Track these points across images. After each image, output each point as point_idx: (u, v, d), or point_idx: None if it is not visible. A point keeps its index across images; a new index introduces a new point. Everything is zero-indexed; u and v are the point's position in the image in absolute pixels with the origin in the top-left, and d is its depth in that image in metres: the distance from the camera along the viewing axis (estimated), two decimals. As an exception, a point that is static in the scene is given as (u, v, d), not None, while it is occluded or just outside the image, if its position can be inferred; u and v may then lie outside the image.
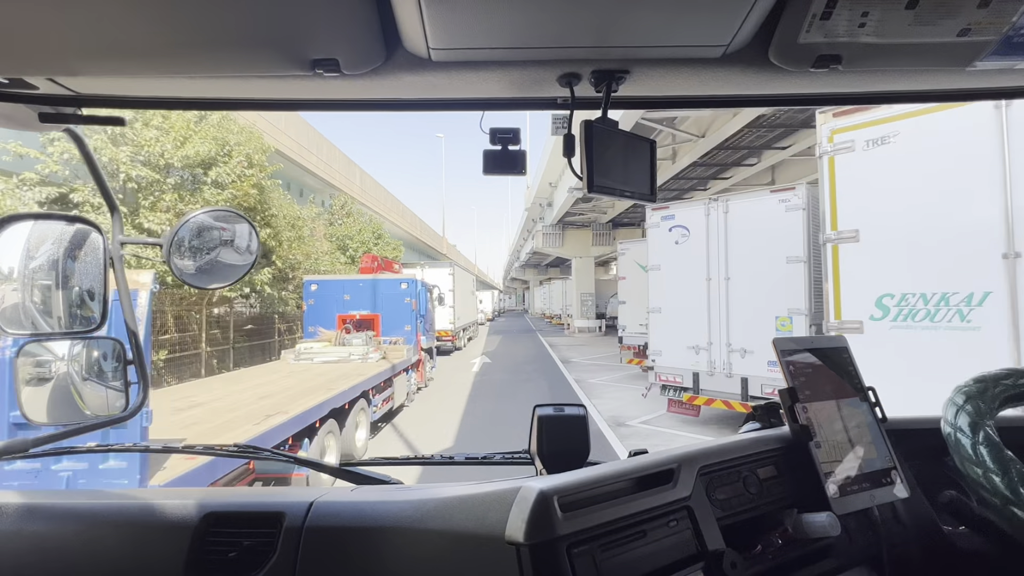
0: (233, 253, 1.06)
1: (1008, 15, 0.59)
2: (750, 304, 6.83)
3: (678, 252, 7.67)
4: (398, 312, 10.01)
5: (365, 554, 0.72)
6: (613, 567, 0.66)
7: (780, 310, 6.48)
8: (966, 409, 0.87)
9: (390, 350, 8.92)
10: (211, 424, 4.19)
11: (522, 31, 0.66)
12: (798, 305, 6.32)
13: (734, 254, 7.05)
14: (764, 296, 6.65)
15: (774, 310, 6.54)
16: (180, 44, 0.68)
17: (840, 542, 0.87)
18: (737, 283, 7.01)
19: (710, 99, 0.89)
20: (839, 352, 1.01)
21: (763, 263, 6.68)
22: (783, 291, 6.45)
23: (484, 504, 0.70)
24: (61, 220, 1.02)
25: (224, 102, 0.89)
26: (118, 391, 1.04)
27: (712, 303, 7.24)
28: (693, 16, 0.63)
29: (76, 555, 0.78)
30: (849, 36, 0.63)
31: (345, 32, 0.67)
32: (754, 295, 6.78)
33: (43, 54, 0.70)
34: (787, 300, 6.41)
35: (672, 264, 7.78)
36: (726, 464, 0.86)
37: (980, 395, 0.88)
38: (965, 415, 0.87)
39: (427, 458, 1.22)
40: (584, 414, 1.04)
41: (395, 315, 9.98)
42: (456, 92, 0.84)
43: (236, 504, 0.81)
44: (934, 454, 0.99)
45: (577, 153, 0.81)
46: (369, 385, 6.83)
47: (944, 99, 0.90)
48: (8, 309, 0.92)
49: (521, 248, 44.61)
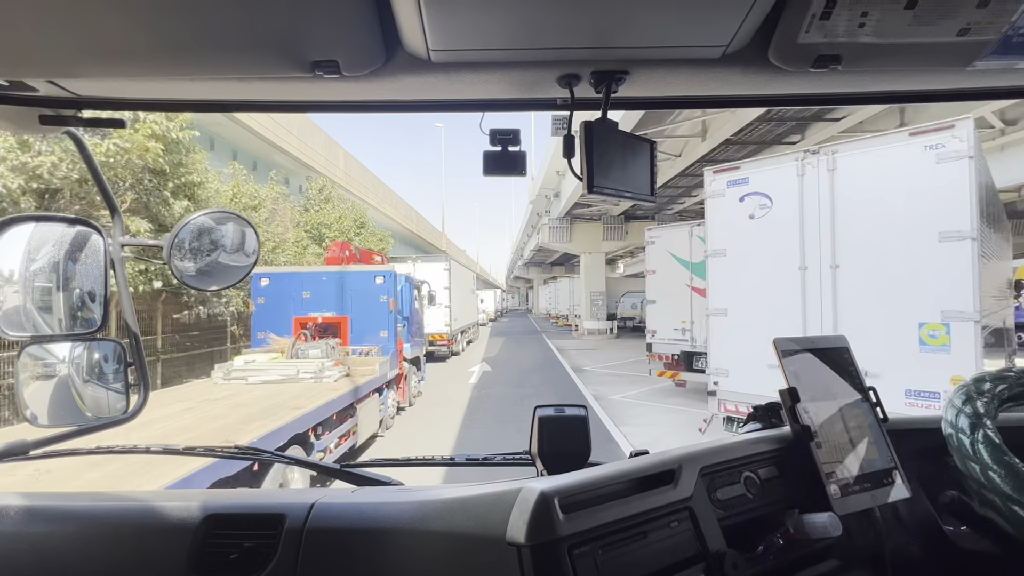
0: (233, 254, 1.06)
1: (1007, 15, 0.59)
2: (873, 304, 4.64)
3: (754, 230, 5.46)
4: (372, 313, 7.80)
5: (366, 555, 0.72)
6: (614, 568, 0.66)
7: (927, 312, 4.29)
8: (965, 410, 0.87)
9: (357, 364, 6.76)
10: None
11: (522, 32, 0.66)
12: (960, 305, 4.12)
13: (845, 231, 4.83)
14: (898, 292, 4.47)
15: (916, 313, 4.35)
16: (180, 46, 0.68)
17: (841, 542, 0.86)
18: (850, 273, 4.80)
19: (710, 99, 0.89)
20: (840, 352, 1.01)
21: (896, 242, 4.48)
22: (932, 284, 4.26)
23: (485, 505, 0.70)
24: (62, 222, 1.02)
25: (224, 104, 0.91)
26: (118, 393, 1.05)
27: (809, 303, 5.04)
28: (692, 16, 0.64)
29: (76, 557, 0.77)
30: (848, 36, 0.63)
31: (345, 34, 0.67)
32: (880, 291, 4.58)
33: (43, 56, 0.71)
34: (940, 297, 4.23)
35: (744, 247, 5.56)
36: (727, 464, 0.85)
37: (980, 395, 0.88)
38: (965, 415, 0.86)
39: (428, 459, 1.19)
40: (584, 415, 1.03)
41: (368, 317, 7.77)
42: (456, 93, 0.84)
43: (237, 506, 0.81)
44: (935, 454, 0.98)
45: (577, 154, 0.81)
46: (313, 421, 4.69)
47: (944, 99, 0.90)
48: (9, 311, 0.93)
49: (525, 245, 42.72)
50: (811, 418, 0.90)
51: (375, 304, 7.78)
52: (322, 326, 7.77)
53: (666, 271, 9.70)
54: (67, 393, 1.04)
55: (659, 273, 9.88)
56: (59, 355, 1.05)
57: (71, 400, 1.05)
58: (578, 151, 0.81)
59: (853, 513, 0.85)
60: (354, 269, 8.08)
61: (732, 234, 5.66)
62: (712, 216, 5.92)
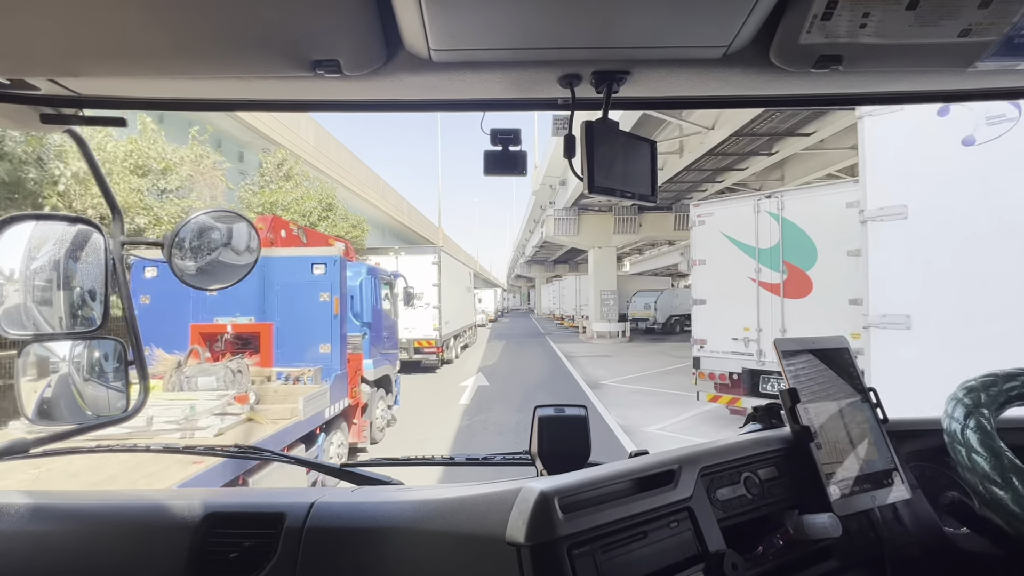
0: (234, 253, 1.05)
1: (1009, 16, 0.59)
2: None
3: (975, 168, 2.93)
4: (308, 319, 5.27)
5: (366, 555, 0.72)
6: (614, 568, 0.66)
7: None
8: (965, 410, 0.87)
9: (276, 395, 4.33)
10: None
11: (523, 32, 0.66)
12: None
13: None
14: None
15: None
16: (181, 45, 0.68)
17: (841, 543, 0.86)
18: None
19: (711, 100, 0.88)
20: (840, 353, 1.01)
21: None
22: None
23: (485, 505, 0.70)
24: (63, 221, 1.02)
25: (225, 103, 0.90)
26: (119, 392, 1.04)
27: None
28: (694, 17, 0.63)
29: (78, 555, 0.77)
30: (850, 37, 0.63)
31: (346, 33, 0.67)
32: None
33: (44, 55, 0.71)
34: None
35: (953, 198, 3.00)
36: (727, 465, 0.85)
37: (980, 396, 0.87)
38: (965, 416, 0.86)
39: (428, 459, 1.19)
40: (584, 415, 1.03)
41: (303, 324, 5.25)
42: (457, 93, 0.84)
43: (237, 505, 0.82)
44: (935, 455, 0.99)
45: (578, 154, 0.81)
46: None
47: (945, 100, 0.90)
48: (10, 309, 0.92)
49: (527, 242, 40.32)
50: (811, 419, 0.91)
51: (313, 305, 5.26)
52: (236, 338, 5.30)
53: (720, 260, 7.26)
54: (67, 391, 1.05)
55: (710, 264, 7.43)
56: (59, 353, 1.06)
57: (71, 398, 1.05)
58: (579, 151, 0.80)
59: (853, 514, 0.86)
60: (281, 254, 5.55)
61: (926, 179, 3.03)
62: (873, 151, 3.30)
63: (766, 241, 6.77)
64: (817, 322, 6.20)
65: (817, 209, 6.34)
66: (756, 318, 6.83)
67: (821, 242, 6.29)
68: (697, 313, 7.50)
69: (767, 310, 6.74)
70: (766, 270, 6.76)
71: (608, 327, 21.76)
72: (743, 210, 7.01)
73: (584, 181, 0.78)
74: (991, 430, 0.83)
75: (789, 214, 6.59)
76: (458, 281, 16.79)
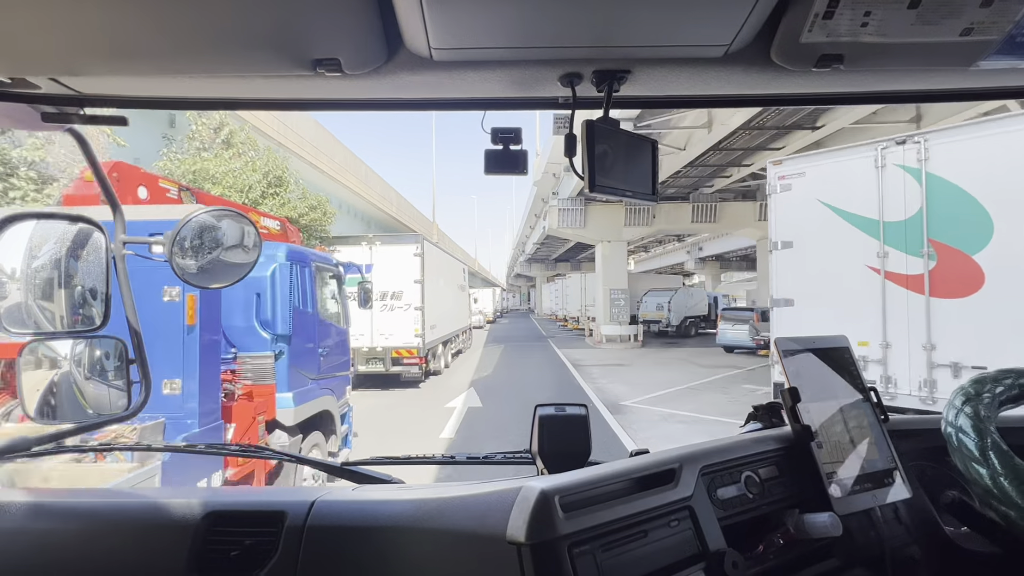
0: (234, 252, 1.05)
1: (1011, 15, 0.59)
2: None
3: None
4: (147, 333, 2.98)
5: (366, 553, 0.72)
6: (615, 567, 0.66)
7: None
8: (965, 411, 0.86)
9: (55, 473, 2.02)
10: None
11: (523, 31, 0.66)
12: None
13: None
14: None
15: None
16: (182, 44, 0.69)
17: (842, 542, 0.86)
18: None
19: (712, 99, 0.89)
20: (840, 352, 1.01)
21: None
22: None
23: (485, 504, 0.70)
24: (64, 219, 1.02)
25: (226, 102, 0.90)
26: (120, 390, 1.05)
27: None
28: (695, 16, 0.63)
29: (78, 554, 0.77)
30: (851, 36, 0.63)
31: (347, 32, 0.67)
32: None
33: (45, 54, 0.71)
34: None
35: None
36: (728, 464, 0.85)
37: (980, 396, 0.87)
38: (965, 416, 0.85)
39: (429, 458, 1.20)
40: (585, 414, 1.03)
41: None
42: (458, 92, 0.85)
43: (238, 503, 0.82)
44: (936, 454, 0.99)
45: (579, 153, 0.82)
46: None
47: (946, 99, 0.90)
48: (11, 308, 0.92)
49: (527, 239, 37.95)
50: (812, 418, 0.91)
51: (149, 309, 3.01)
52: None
53: (818, 241, 5.00)
54: (69, 390, 1.05)
55: (801, 247, 5.17)
56: (61, 352, 1.06)
57: (73, 397, 1.06)
58: (580, 150, 0.81)
59: (853, 513, 0.86)
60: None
61: None
62: None
63: (897, 211, 4.47)
64: (995, 336, 3.89)
65: (992, 156, 4.01)
66: (881, 327, 4.54)
67: (998, 210, 3.97)
68: (779, 319, 5.21)
69: (900, 315, 4.44)
70: (897, 254, 4.47)
71: (618, 330, 19.43)
72: (857, 165, 4.71)
73: (585, 180, 0.79)
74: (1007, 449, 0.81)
75: (939, 167, 4.27)
76: (448, 277, 14.45)
